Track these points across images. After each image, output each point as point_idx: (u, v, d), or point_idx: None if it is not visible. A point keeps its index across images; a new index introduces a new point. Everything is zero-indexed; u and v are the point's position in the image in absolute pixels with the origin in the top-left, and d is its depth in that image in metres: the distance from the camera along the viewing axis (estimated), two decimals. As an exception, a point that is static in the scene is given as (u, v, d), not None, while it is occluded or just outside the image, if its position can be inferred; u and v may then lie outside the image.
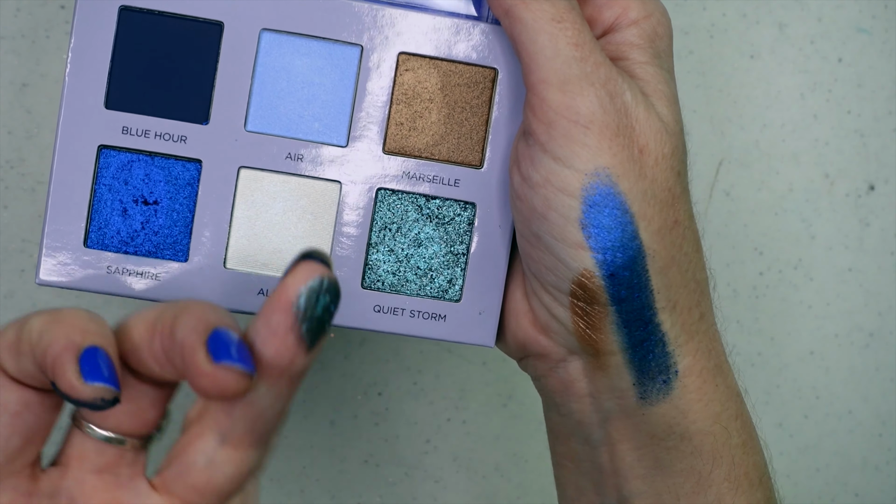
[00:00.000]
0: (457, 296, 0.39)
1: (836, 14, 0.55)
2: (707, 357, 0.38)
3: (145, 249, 0.39)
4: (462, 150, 0.39)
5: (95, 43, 0.38)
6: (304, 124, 0.39)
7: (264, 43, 0.38)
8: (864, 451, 0.58)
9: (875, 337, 0.58)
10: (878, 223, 0.57)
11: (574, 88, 0.35)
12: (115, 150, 0.38)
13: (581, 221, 0.35)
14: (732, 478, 0.38)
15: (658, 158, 0.36)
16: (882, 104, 0.56)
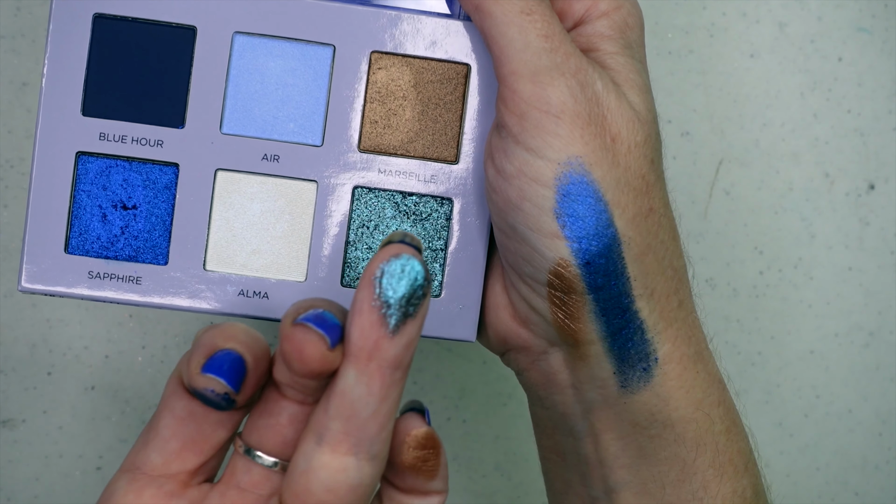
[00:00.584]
0: (436, 291, 0.40)
1: (836, 13, 0.55)
2: (687, 344, 0.38)
3: (126, 254, 0.39)
4: (437, 147, 0.39)
5: (71, 50, 0.38)
6: (280, 125, 0.39)
7: (237, 46, 0.39)
8: (864, 451, 0.58)
9: (875, 336, 0.58)
10: (878, 222, 0.57)
11: (544, 79, 0.35)
12: (92, 156, 0.39)
13: (555, 211, 0.36)
14: (717, 464, 0.38)
15: (631, 146, 0.36)
16: (882, 103, 0.56)
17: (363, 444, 0.30)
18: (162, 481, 0.32)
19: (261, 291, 0.39)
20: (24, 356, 0.55)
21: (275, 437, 0.32)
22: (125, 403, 0.56)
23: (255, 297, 0.39)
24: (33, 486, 0.56)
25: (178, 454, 0.32)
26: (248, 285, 0.39)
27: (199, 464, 0.33)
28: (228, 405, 0.32)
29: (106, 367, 0.56)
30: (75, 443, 0.56)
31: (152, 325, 0.56)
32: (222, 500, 0.33)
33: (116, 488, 0.33)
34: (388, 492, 0.34)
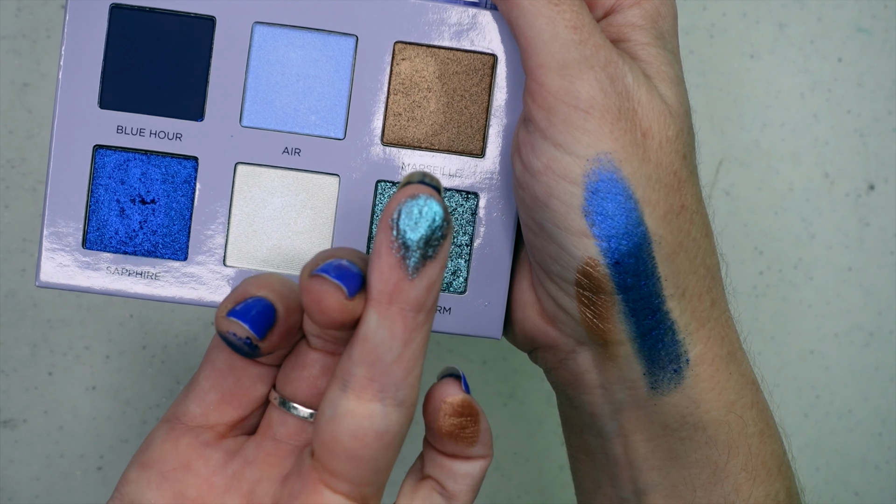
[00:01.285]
0: (461, 287, 0.39)
1: (836, 14, 0.55)
2: (720, 345, 0.37)
3: (144, 249, 0.38)
4: (462, 139, 0.39)
5: (88, 42, 0.37)
6: (301, 118, 0.38)
7: (257, 36, 0.38)
8: (864, 450, 0.58)
9: (875, 336, 0.58)
10: (877, 222, 0.57)
11: (573, 72, 0.34)
12: (110, 149, 0.38)
13: (583, 208, 0.35)
14: (750, 468, 0.38)
15: (662, 142, 0.35)
16: (882, 104, 0.56)
17: (389, 390, 0.29)
18: (199, 431, 0.33)
19: None
20: (24, 356, 0.55)
21: (308, 388, 0.32)
22: (126, 403, 0.56)
23: None
24: (34, 486, 0.56)
25: (217, 406, 0.33)
26: None
27: (237, 418, 0.33)
28: (252, 351, 0.31)
29: (107, 367, 0.56)
30: (76, 443, 0.56)
31: (153, 325, 0.56)
32: (258, 451, 0.33)
33: (155, 437, 0.33)
34: (430, 453, 0.34)
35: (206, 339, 0.56)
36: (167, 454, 0.32)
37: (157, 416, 0.56)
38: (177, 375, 0.56)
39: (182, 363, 0.56)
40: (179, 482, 0.32)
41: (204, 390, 0.33)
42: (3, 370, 0.55)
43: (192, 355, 0.56)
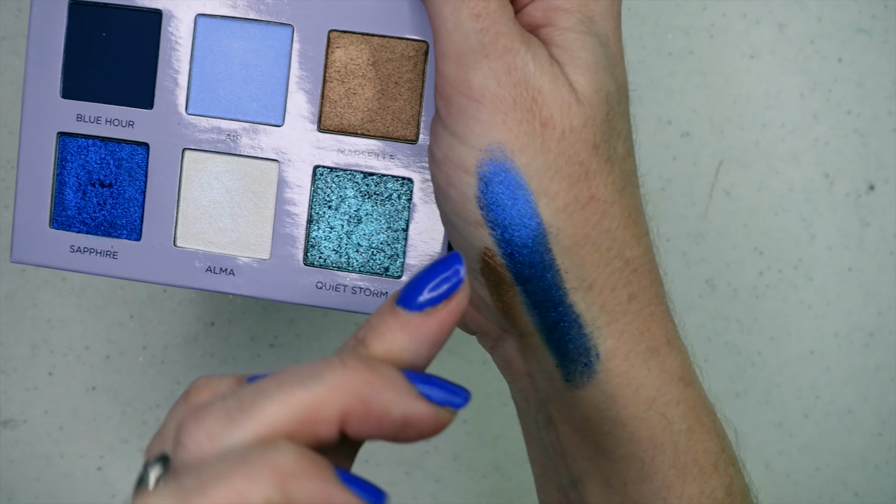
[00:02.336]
0: (398, 272, 0.40)
1: (836, 14, 0.55)
2: (636, 340, 0.36)
3: (103, 229, 0.41)
4: (397, 126, 0.39)
5: (50, 37, 0.40)
6: (243, 105, 0.40)
7: (201, 28, 0.39)
8: (864, 451, 0.58)
9: (875, 336, 0.58)
10: (877, 223, 0.57)
11: (468, 62, 0.34)
12: (72, 136, 0.40)
13: (477, 199, 0.35)
14: (679, 465, 0.37)
15: (565, 131, 0.34)
16: (882, 104, 0.56)
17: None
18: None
19: (227, 268, 0.40)
20: (25, 356, 0.55)
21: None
22: (126, 404, 0.56)
23: (222, 273, 0.40)
24: (34, 487, 0.56)
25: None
26: (214, 262, 0.40)
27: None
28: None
29: (107, 367, 0.56)
30: (76, 443, 0.56)
31: (153, 325, 0.56)
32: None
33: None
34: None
35: (206, 339, 0.56)
36: None
37: (156, 416, 0.56)
38: (177, 376, 0.56)
39: (182, 363, 0.56)
40: None
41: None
42: (3, 370, 0.55)
43: (192, 355, 0.56)
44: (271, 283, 0.40)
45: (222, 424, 0.28)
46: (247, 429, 0.28)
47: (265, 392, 0.28)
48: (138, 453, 0.56)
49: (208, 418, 0.28)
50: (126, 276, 0.41)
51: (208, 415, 0.28)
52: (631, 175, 0.36)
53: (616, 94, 0.36)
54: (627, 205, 0.36)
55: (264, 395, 0.28)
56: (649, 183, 0.56)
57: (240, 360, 0.56)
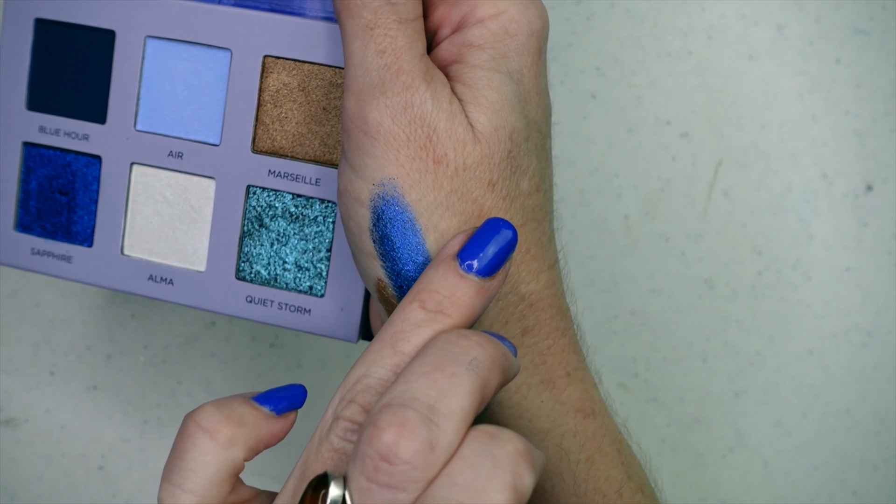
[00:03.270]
0: (321, 291, 0.41)
1: (835, 15, 0.55)
2: (529, 373, 0.37)
3: (60, 235, 0.43)
4: (324, 150, 0.40)
5: (18, 51, 0.42)
6: (186, 124, 0.41)
7: (150, 49, 0.41)
8: (862, 450, 0.59)
9: (873, 336, 0.58)
10: (876, 223, 0.57)
11: (366, 97, 0.34)
12: (35, 146, 0.43)
13: (370, 231, 0.35)
14: (580, 493, 0.37)
15: (458, 169, 0.35)
16: (880, 105, 0.56)
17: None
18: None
19: (167, 277, 0.42)
20: (26, 356, 0.56)
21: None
22: (127, 403, 0.56)
23: (163, 282, 0.42)
24: (36, 486, 0.56)
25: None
26: (156, 271, 0.42)
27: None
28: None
29: (108, 366, 0.56)
30: (78, 442, 0.56)
31: (154, 325, 0.56)
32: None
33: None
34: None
35: (207, 338, 0.56)
36: None
37: (157, 415, 0.56)
38: (178, 375, 0.56)
39: (183, 363, 0.56)
40: None
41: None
42: (4, 370, 0.55)
43: (192, 355, 0.56)
44: (206, 295, 0.42)
45: (430, 431, 0.28)
46: (450, 429, 0.29)
47: (443, 388, 0.29)
48: (140, 452, 0.56)
49: (416, 429, 0.28)
50: (78, 279, 0.43)
51: (411, 427, 0.28)
52: (536, 210, 0.36)
53: (524, 132, 0.36)
54: (525, 241, 0.36)
55: (447, 393, 0.29)
56: (648, 183, 0.56)
57: (240, 360, 0.56)
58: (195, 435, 0.32)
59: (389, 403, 0.29)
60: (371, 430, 0.28)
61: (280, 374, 0.56)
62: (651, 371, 0.57)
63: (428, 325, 0.32)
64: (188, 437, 0.32)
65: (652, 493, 0.40)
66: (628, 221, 0.56)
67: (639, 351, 0.57)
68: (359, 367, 0.32)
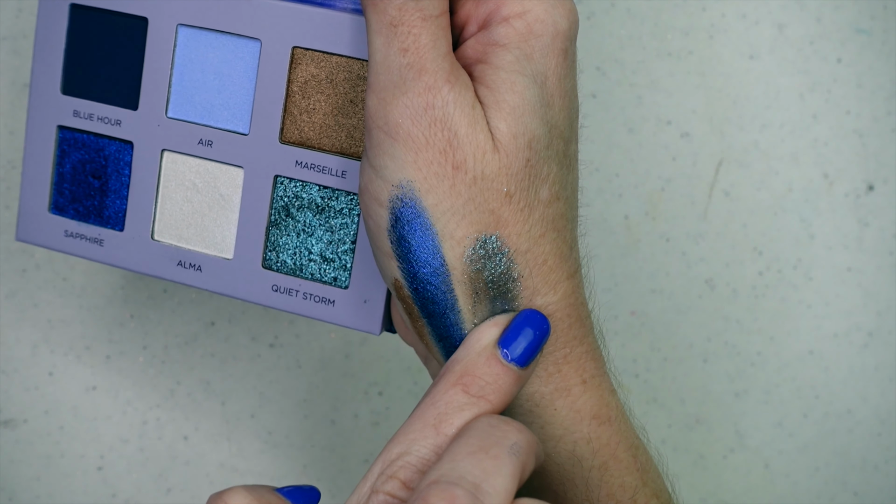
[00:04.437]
0: (345, 283, 0.41)
1: (836, 15, 0.55)
2: (542, 381, 0.36)
3: (93, 218, 0.43)
4: (350, 143, 0.40)
5: (53, 36, 0.43)
6: (216, 112, 0.42)
7: (181, 37, 0.41)
8: (863, 451, 0.59)
9: (874, 336, 0.58)
10: (876, 223, 0.57)
11: (388, 97, 0.34)
12: (69, 130, 0.43)
13: (388, 231, 0.35)
14: (593, 499, 0.37)
15: (476, 178, 0.34)
16: (881, 104, 0.56)
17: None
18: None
19: (196, 264, 0.42)
20: (25, 356, 0.55)
21: None
22: (126, 404, 0.56)
23: (191, 268, 0.42)
24: (35, 486, 0.56)
25: None
26: (185, 257, 0.42)
27: None
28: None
29: (107, 367, 0.56)
30: (77, 443, 0.56)
31: (153, 325, 0.56)
32: None
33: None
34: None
35: (207, 338, 0.56)
36: None
37: (157, 416, 0.56)
38: (177, 375, 0.56)
39: (182, 363, 0.56)
40: None
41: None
42: (3, 370, 0.55)
43: (192, 355, 0.56)
44: (233, 282, 0.42)
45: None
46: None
47: (487, 469, 0.30)
48: (139, 453, 0.56)
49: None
50: (110, 262, 0.43)
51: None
52: (556, 218, 0.36)
53: (545, 138, 0.35)
54: (543, 252, 0.36)
55: (492, 473, 0.30)
56: (649, 183, 0.56)
57: (240, 360, 0.56)
58: None
59: (438, 480, 0.29)
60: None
61: (280, 375, 0.56)
62: (651, 371, 0.57)
63: (470, 409, 0.33)
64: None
65: (668, 499, 0.39)
66: (629, 221, 0.56)
67: (639, 351, 0.57)
68: (399, 443, 0.32)
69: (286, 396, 0.56)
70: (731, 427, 0.58)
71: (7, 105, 0.53)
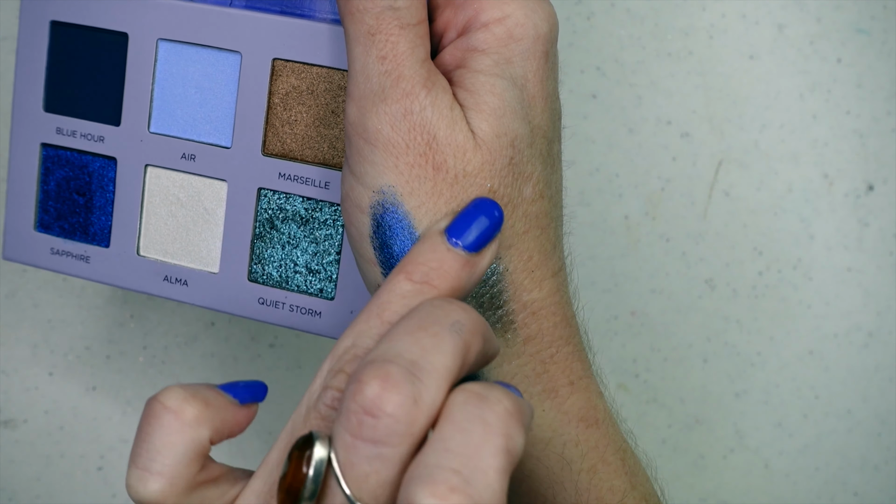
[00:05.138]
0: (331, 294, 0.41)
1: (836, 15, 0.55)
2: (530, 382, 0.37)
3: (78, 235, 0.43)
4: (333, 153, 0.40)
5: (35, 52, 0.42)
6: (198, 126, 0.42)
7: (162, 51, 0.41)
8: (863, 451, 0.59)
9: (874, 336, 0.58)
10: (876, 223, 0.57)
11: (367, 104, 0.34)
12: (53, 147, 0.43)
13: (370, 238, 0.35)
14: (582, 502, 0.37)
15: (458, 176, 0.34)
16: (881, 104, 0.56)
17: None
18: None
19: (182, 278, 0.42)
20: (25, 356, 0.56)
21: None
22: (126, 404, 0.56)
23: (177, 283, 0.42)
24: (35, 486, 0.56)
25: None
26: (171, 272, 0.42)
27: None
28: None
29: (107, 367, 0.56)
30: (77, 443, 0.56)
31: (153, 325, 0.56)
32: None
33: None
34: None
35: (207, 339, 0.56)
36: None
37: (157, 416, 0.56)
38: (177, 376, 0.56)
39: (182, 363, 0.56)
40: None
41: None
42: (3, 370, 0.55)
43: (192, 355, 0.56)
44: (219, 296, 0.42)
45: (414, 385, 0.28)
46: (433, 385, 0.28)
47: (426, 346, 0.29)
48: (139, 453, 0.56)
49: (399, 383, 0.28)
50: (96, 279, 0.43)
51: (394, 380, 0.28)
52: (540, 216, 0.36)
53: (527, 138, 0.35)
54: (528, 248, 0.36)
55: (430, 350, 0.29)
56: (649, 183, 0.56)
57: (240, 361, 0.56)
58: (160, 416, 0.31)
59: (373, 360, 0.28)
60: (355, 385, 0.28)
61: (280, 375, 0.56)
62: (651, 371, 0.57)
63: (414, 296, 0.32)
64: (153, 418, 0.31)
65: (657, 503, 0.39)
66: (629, 222, 0.56)
67: (639, 351, 0.57)
68: (346, 337, 0.31)
69: (286, 396, 0.56)
70: (730, 427, 0.58)
71: (7, 105, 0.53)
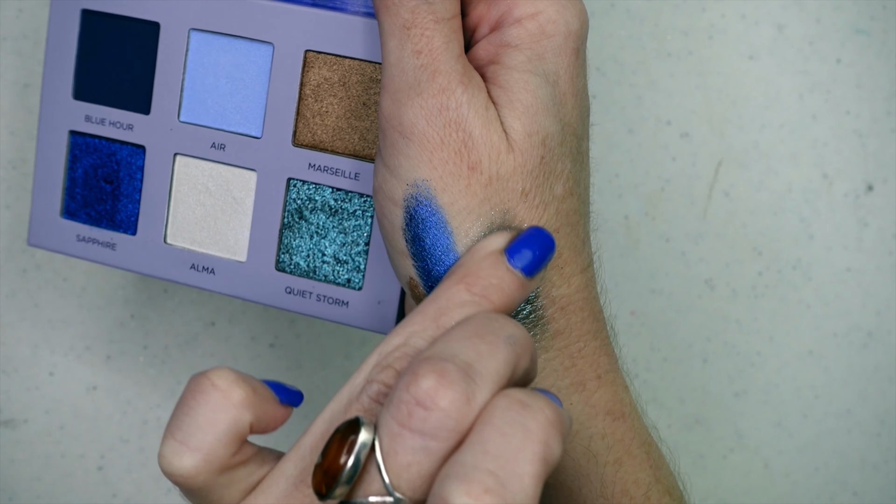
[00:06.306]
0: (359, 284, 0.41)
1: (835, 15, 0.55)
2: (559, 376, 0.37)
3: (105, 222, 0.44)
4: (363, 145, 0.40)
5: (65, 41, 0.43)
6: (228, 116, 0.42)
7: (193, 41, 0.42)
8: (863, 451, 0.59)
9: (873, 336, 0.58)
10: (876, 223, 0.57)
11: (402, 98, 0.34)
12: (81, 135, 0.43)
13: (403, 230, 0.35)
14: (607, 494, 0.38)
15: (492, 178, 0.35)
16: (881, 105, 0.56)
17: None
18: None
19: (209, 267, 0.42)
20: (26, 356, 0.56)
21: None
22: (127, 403, 0.56)
23: (204, 271, 0.43)
24: (35, 486, 0.56)
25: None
26: (198, 260, 0.42)
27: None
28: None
29: (107, 367, 0.56)
30: (77, 443, 0.56)
31: (154, 325, 0.56)
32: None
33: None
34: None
35: (207, 339, 0.56)
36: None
37: (157, 416, 0.56)
38: (177, 375, 0.56)
39: (183, 363, 0.56)
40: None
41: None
42: (4, 370, 0.55)
43: (192, 355, 0.56)
44: (246, 285, 0.42)
45: (468, 385, 0.28)
46: (485, 389, 0.29)
47: (481, 351, 0.29)
48: (139, 453, 0.56)
49: (455, 380, 0.28)
50: (122, 266, 0.43)
51: (451, 377, 0.28)
52: (570, 213, 0.36)
53: (558, 136, 0.36)
54: (559, 245, 0.36)
55: (486, 356, 0.29)
56: (649, 183, 0.56)
57: (240, 361, 0.56)
58: (208, 392, 0.31)
59: (429, 357, 0.29)
60: (409, 377, 0.28)
61: (280, 375, 0.56)
62: (651, 371, 0.57)
63: (471, 307, 0.32)
64: (200, 393, 0.31)
65: (680, 497, 0.40)
66: (628, 222, 0.56)
67: (639, 351, 0.57)
68: (398, 336, 0.31)
69: (286, 396, 0.56)
70: (730, 427, 0.58)
71: (8, 105, 0.53)
